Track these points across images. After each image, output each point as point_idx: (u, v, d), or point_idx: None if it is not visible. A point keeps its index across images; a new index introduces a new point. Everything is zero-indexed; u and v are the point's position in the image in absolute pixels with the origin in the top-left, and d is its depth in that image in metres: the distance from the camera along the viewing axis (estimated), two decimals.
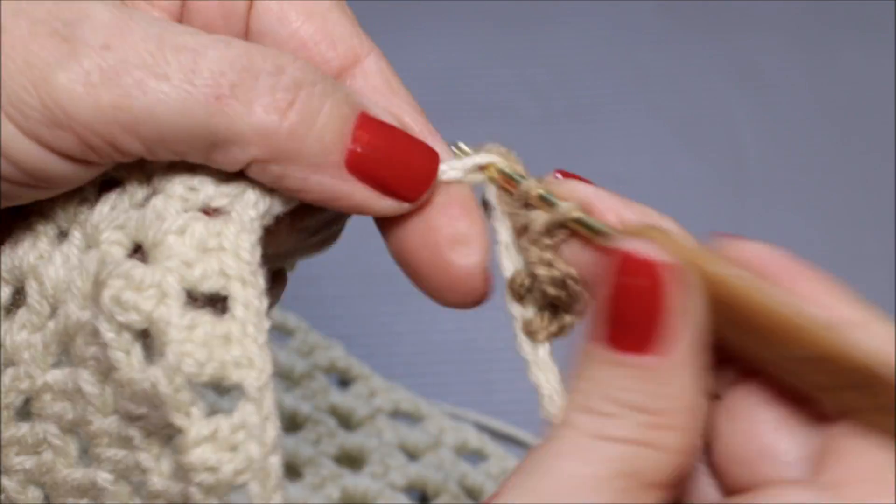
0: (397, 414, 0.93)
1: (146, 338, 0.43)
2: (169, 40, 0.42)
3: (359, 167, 0.44)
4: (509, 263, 0.46)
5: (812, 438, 0.41)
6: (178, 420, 0.41)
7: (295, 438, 0.88)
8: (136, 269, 0.42)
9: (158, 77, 0.41)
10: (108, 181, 0.46)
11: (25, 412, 0.47)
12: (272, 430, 0.42)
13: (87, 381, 0.44)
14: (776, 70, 1.14)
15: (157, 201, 0.43)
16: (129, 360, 0.42)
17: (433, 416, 0.92)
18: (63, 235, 0.46)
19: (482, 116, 1.09)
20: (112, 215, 0.44)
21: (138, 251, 0.44)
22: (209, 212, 0.44)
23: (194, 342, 0.41)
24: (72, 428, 0.46)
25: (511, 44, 1.17)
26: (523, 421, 0.92)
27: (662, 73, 1.14)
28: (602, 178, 0.48)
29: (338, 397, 0.92)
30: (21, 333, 0.46)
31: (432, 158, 0.46)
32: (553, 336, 0.46)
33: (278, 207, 0.45)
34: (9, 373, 0.46)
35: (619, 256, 0.40)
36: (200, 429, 0.41)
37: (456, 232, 0.46)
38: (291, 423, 0.90)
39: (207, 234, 0.43)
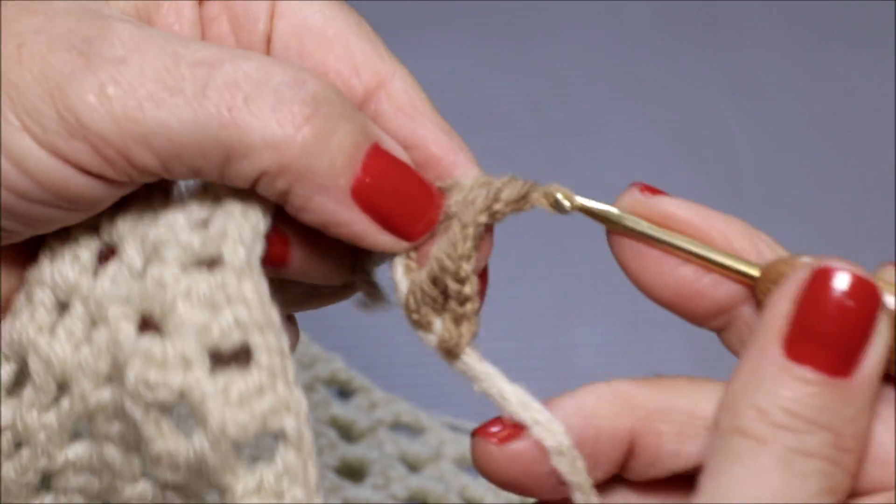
0: (398, 426, 0.93)
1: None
2: (186, 55, 0.42)
3: (364, 197, 0.44)
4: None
5: None
6: (226, 479, 0.41)
7: None
8: (155, 344, 0.42)
9: (172, 90, 0.42)
10: (107, 251, 0.46)
11: (47, 484, 0.46)
12: (313, 469, 0.42)
13: (114, 454, 0.44)
14: (772, 82, 1.14)
15: (155, 270, 0.43)
16: (161, 432, 0.42)
17: (433, 428, 0.93)
18: (62, 306, 0.45)
19: (479, 129, 1.10)
20: (114, 289, 0.44)
21: (148, 323, 0.43)
22: (206, 264, 0.44)
23: (232, 405, 0.41)
24: (99, 496, 0.46)
25: (508, 56, 1.18)
26: None
27: (659, 86, 1.15)
28: (599, 190, 0.49)
29: (338, 409, 0.92)
30: (32, 413, 0.45)
31: (437, 204, 0.46)
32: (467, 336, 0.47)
33: (262, 225, 0.44)
34: (24, 453, 0.45)
35: (823, 273, 0.40)
36: (247, 482, 0.41)
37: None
38: None
39: (211, 291, 0.43)
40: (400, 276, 0.46)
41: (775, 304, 0.41)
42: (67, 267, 0.45)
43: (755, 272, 0.44)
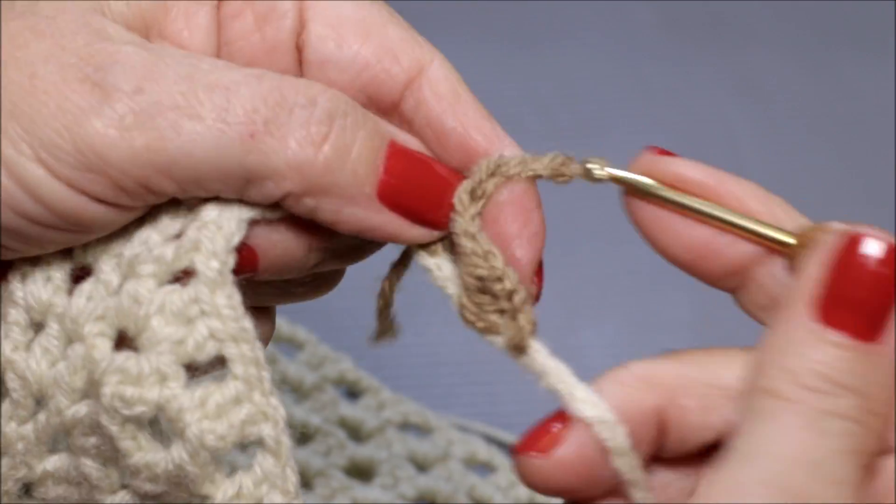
0: (406, 426, 0.94)
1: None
2: (200, 79, 0.42)
3: (390, 197, 0.45)
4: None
5: None
6: (206, 489, 0.42)
7: (305, 450, 0.89)
8: (130, 360, 0.42)
9: (192, 117, 0.41)
10: (79, 271, 0.46)
11: (27, 492, 0.47)
12: (292, 475, 0.43)
13: (91, 467, 0.45)
14: (777, 85, 1.15)
15: (130, 285, 0.43)
16: (139, 445, 0.42)
17: (442, 428, 0.93)
18: (37, 325, 0.45)
19: None
20: (90, 306, 0.44)
21: (123, 339, 0.44)
22: (180, 277, 0.44)
23: (209, 417, 0.42)
24: None
25: (515, 59, 1.18)
26: None
27: (665, 88, 1.15)
28: (606, 191, 0.49)
29: (347, 409, 0.93)
30: (10, 425, 0.45)
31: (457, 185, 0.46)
32: None
33: (236, 238, 0.44)
34: (4, 463, 0.46)
35: (856, 239, 0.41)
36: (226, 490, 0.42)
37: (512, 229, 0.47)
38: (301, 436, 0.90)
39: (185, 304, 0.43)
40: (453, 290, 0.46)
41: (809, 270, 0.41)
42: (40, 287, 0.45)
43: (788, 238, 0.44)
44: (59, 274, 0.45)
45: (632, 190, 0.46)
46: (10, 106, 0.41)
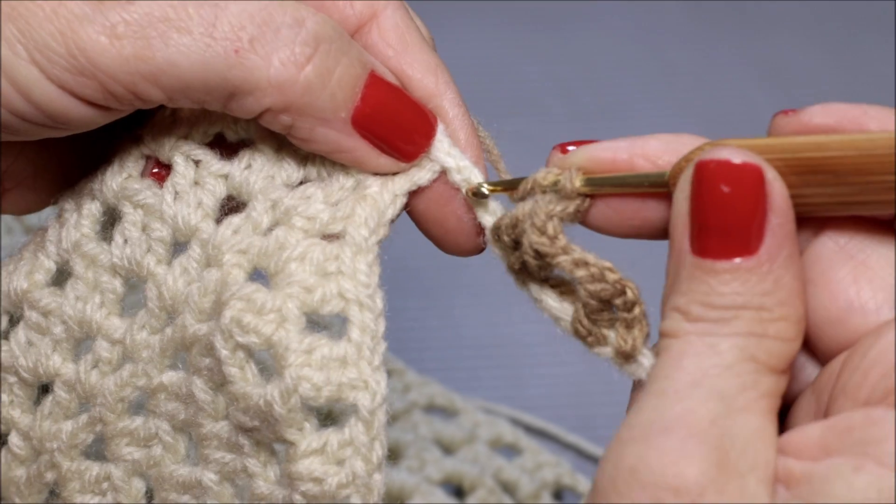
0: (432, 408, 0.94)
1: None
2: None
3: (364, 124, 0.46)
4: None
5: (887, 281, 0.41)
6: (291, 435, 0.44)
7: None
8: (259, 293, 0.44)
9: (180, 30, 0.43)
10: (233, 205, 0.48)
11: (139, 406, 0.49)
12: (379, 449, 0.44)
13: (201, 388, 0.47)
14: (801, 68, 1.14)
15: (280, 232, 0.46)
16: (244, 376, 0.44)
17: (467, 411, 0.93)
18: (179, 245, 0.48)
19: (511, 113, 1.10)
20: (235, 239, 0.46)
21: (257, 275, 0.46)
22: (328, 237, 0.46)
23: (311, 366, 0.44)
24: (183, 427, 0.49)
25: (539, 42, 1.18)
26: (555, 416, 0.93)
27: (689, 71, 1.15)
28: None
29: None
30: (141, 333, 0.48)
31: (431, 124, 0.48)
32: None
33: (391, 213, 0.47)
34: (127, 368, 0.48)
35: (708, 167, 0.41)
36: (311, 441, 0.44)
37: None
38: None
39: (325, 259, 0.45)
40: (559, 306, 0.46)
41: (675, 206, 0.41)
42: (191, 211, 0.48)
43: (661, 178, 0.43)
44: (210, 202, 0.48)
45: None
46: (9, 9, 0.43)
